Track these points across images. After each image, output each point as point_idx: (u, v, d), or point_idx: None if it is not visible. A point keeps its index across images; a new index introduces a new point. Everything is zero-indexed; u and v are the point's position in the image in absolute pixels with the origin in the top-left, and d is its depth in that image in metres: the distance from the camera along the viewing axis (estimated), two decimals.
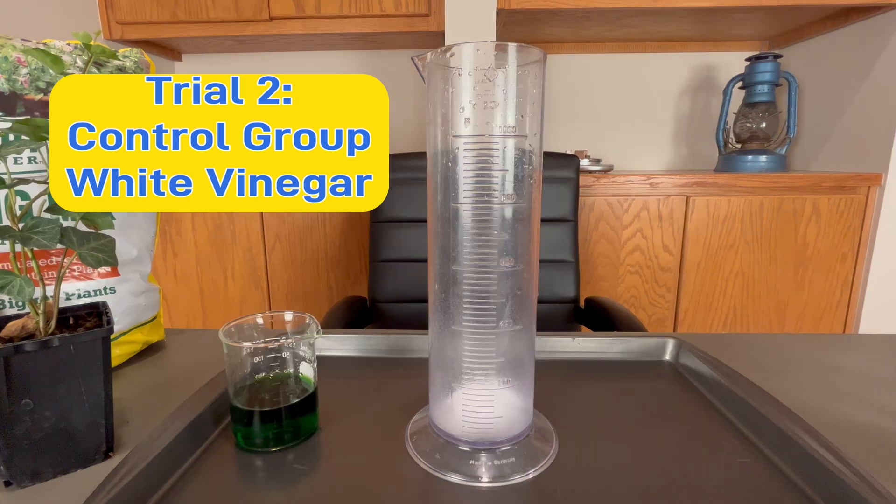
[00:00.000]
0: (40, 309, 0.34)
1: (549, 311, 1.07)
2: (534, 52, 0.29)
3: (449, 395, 0.34)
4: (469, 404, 0.33)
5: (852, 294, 1.39)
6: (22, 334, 0.34)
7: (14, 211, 0.34)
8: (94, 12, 1.52)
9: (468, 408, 0.33)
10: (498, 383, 0.33)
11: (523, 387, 0.34)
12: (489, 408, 0.33)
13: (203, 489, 0.31)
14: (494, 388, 0.32)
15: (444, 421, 0.34)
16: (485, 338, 0.32)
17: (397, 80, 1.82)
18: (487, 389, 0.32)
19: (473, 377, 0.32)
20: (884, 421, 0.39)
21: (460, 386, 0.33)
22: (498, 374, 0.32)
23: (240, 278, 1.46)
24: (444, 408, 0.34)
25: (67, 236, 0.34)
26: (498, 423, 0.33)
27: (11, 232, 0.32)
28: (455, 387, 0.33)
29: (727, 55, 1.77)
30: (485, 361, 0.32)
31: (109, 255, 0.36)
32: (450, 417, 0.34)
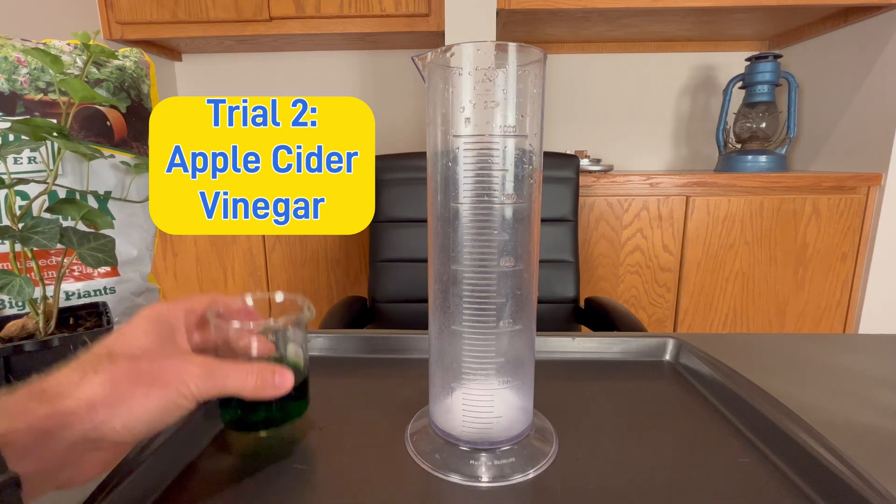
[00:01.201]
0: (40, 309, 0.34)
1: (549, 311, 1.07)
2: (534, 52, 0.29)
3: (449, 395, 0.34)
4: (469, 404, 0.33)
5: (852, 294, 1.39)
6: (22, 334, 0.34)
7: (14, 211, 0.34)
8: (94, 12, 1.52)
9: (468, 408, 0.33)
10: (498, 383, 0.33)
11: (523, 387, 0.34)
12: (489, 408, 0.33)
13: (203, 489, 0.31)
14: (494, 388, 0.32)
15: (444, 421, 0.34)
16: (485, 338, 0.32)
17: (397, 80, 1.82)
18: (487, 389, 0.32)
19: (473, 377, 0.32)
20: (884, 421, 0.39)
21: (460, 386, 0.33)
22: (498, 374, 0.32)
23: (240, 278, 1.46)
24: (444, 408, 0.34)
25: (67, 236, 0.34)
26: (498, 423, 0.33)
27: (11, 232, 0.32)
28: (455, 387, 0.33)
29: (727, 55, 1.77)
30: (485, 361, 0.32)
31: (109, 255, 0.36)
32: (450, 417, 0.34)
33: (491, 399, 0.32)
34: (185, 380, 0.26)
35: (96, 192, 0.49)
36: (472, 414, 0.33)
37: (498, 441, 0.33)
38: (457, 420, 0.33)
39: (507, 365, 0.32)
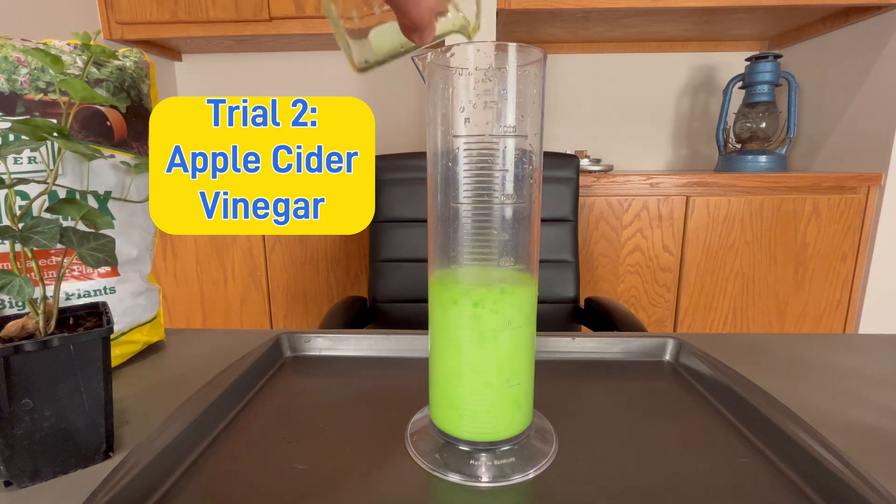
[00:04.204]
0: (40, 309, 0.34)
1: (549, 311, 1.07)
2: (534, 52, 0.29)
3: (449, 394, 0.34)
4: (469, 404, 0.33)
5: (852, 294, 1.39)
6: (22, 334, 0.34)
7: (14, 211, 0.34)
8: (94, 12, 1.52)
9: (468, 407, 0.33)
10: (499, 381, 0.32)
11: (523, 386, 0.34)
12: (489, 408, 0.33)
13: (203, 489, 0.31)
14: (495, 387, 0.32)
15: (444, 421, 0.34)
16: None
17: (397, 80, 1.82)
18: (488, 389, 0.32)
19: (473, 377, 0.32)
20: (884, 421, 0.39)
21: (460, 385, 0.33)
22: (498, 373, 0.32)
23: (240, 278, 1.46)
24: (443, 407, 0.34)
25: (67, 236, 0.34)
26: (498, 422, 0.33)
27: (11, 232, 0.32)
28: (455, 386, 0.33)
29: (727, 55, 1.77)
30: (485, 361, 0.32)
31: (109, 255, 0.36)
32: (450, 417, 0.34)
33: (491, 399, 0.32)
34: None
35: (96, 192, 0.49)
36: (472, 414, 0.33)
37: (498, 441, 0.33)
38: (457, 420, 0.33)
39: (507, 364, 0.32)
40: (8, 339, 0.33)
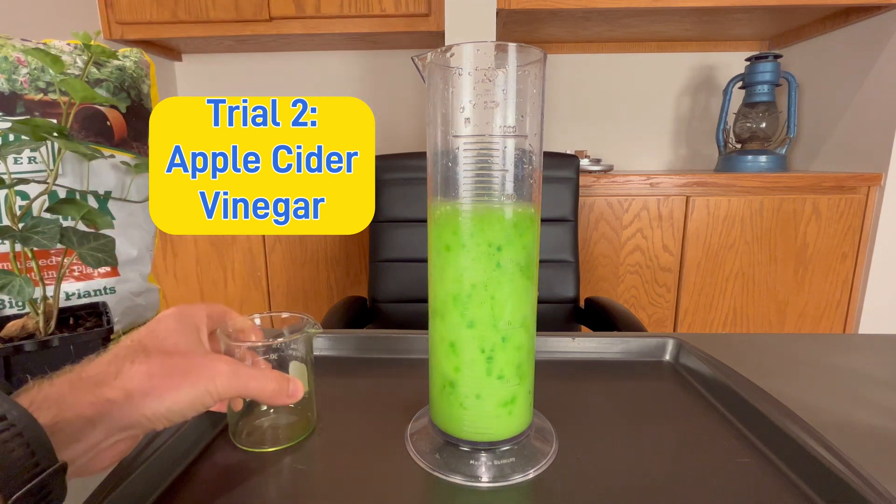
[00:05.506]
0: (40, 309, 0.34)
1: (549, 311, 1.07)
2: (534, 52, 0.29)
3: (449, 394, 0.34)
4: (469, 404, 0.33)
5: (852, 294, 1.39)
6: (22, 334, 0.34)
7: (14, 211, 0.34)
8: (94, 12, 1.52)
9: (468, 408, 0.33)
10: (499, 384, 0.32)
11: (523, 387, 0.34)
12: (489, 408, 0.33)
13: (202, 489, 0.31)
14: (495, 388, 0.32)
15: (444, 421, 0.34)
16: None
17: (397, 80, 1.82)
18: (488, 389, 0.32)
19: (474, 377, 0.32)
20: (884, 421, 0.39)
21: (460, 385, 0.33)
22: (498, 376, 0.32)
23: (240, 278, 1.46)
24: (443, 407, 0.34)
25: (67, 236, 0.34)
26: (498, 422, 0.33)
27: (11, 232, 0.32)
28: (455, 386, 0.33)
29: (727, 55, 1.77)
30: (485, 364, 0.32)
31: (109, 255, 0.36)
32: (450, 417, 0.34)
33: (491, 399, 0.32)
34: (214, 376, 0.27)
35: (96, 192, 0.49)
36: (472, 414, 0.33)
37: (498, 441, 0.33)
38: (457, 420, 0.33)
39: (507, 364, 0.32)
40: (8, 338, 0.33)
